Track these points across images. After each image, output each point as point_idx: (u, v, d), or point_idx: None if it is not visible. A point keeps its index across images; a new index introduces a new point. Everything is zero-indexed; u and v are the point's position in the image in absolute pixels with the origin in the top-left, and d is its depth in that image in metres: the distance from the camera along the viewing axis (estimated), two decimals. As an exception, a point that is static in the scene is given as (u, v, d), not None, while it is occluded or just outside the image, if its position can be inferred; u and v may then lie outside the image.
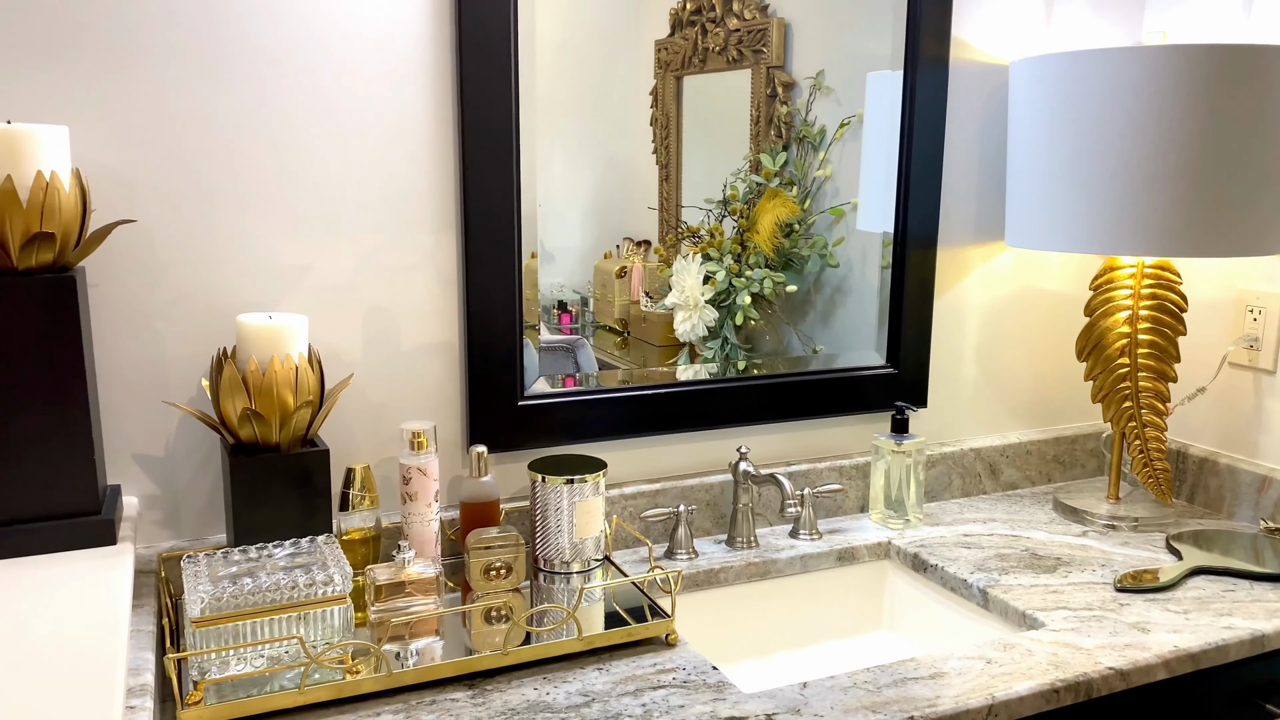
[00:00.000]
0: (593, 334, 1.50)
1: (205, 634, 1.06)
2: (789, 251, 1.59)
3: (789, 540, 1.55)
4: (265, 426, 1.17)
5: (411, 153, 1.33)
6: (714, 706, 1.09)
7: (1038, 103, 1.52)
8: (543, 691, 1.12)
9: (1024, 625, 1.33)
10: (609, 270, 1.50)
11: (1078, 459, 1.85)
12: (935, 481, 1.72)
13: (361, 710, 1.07)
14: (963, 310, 1.74)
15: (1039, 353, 1.82)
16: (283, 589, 1.08)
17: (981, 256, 1.74)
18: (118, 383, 1.24)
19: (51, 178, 1.04)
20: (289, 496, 1.19)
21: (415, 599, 1.19)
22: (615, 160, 1.46)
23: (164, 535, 1.29)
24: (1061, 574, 1.44)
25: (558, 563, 1.34)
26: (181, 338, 1.25)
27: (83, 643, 0.88)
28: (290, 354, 1.19)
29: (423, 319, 1.38)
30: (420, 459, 1.30)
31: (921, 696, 1.11)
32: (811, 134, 1.58)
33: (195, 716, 1.02)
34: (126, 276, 1.22)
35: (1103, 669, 1.18)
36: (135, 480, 1.26)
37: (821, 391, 1.62)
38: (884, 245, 1.65)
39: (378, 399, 1.37)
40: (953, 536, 1.58)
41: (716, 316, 1.56)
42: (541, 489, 1.34)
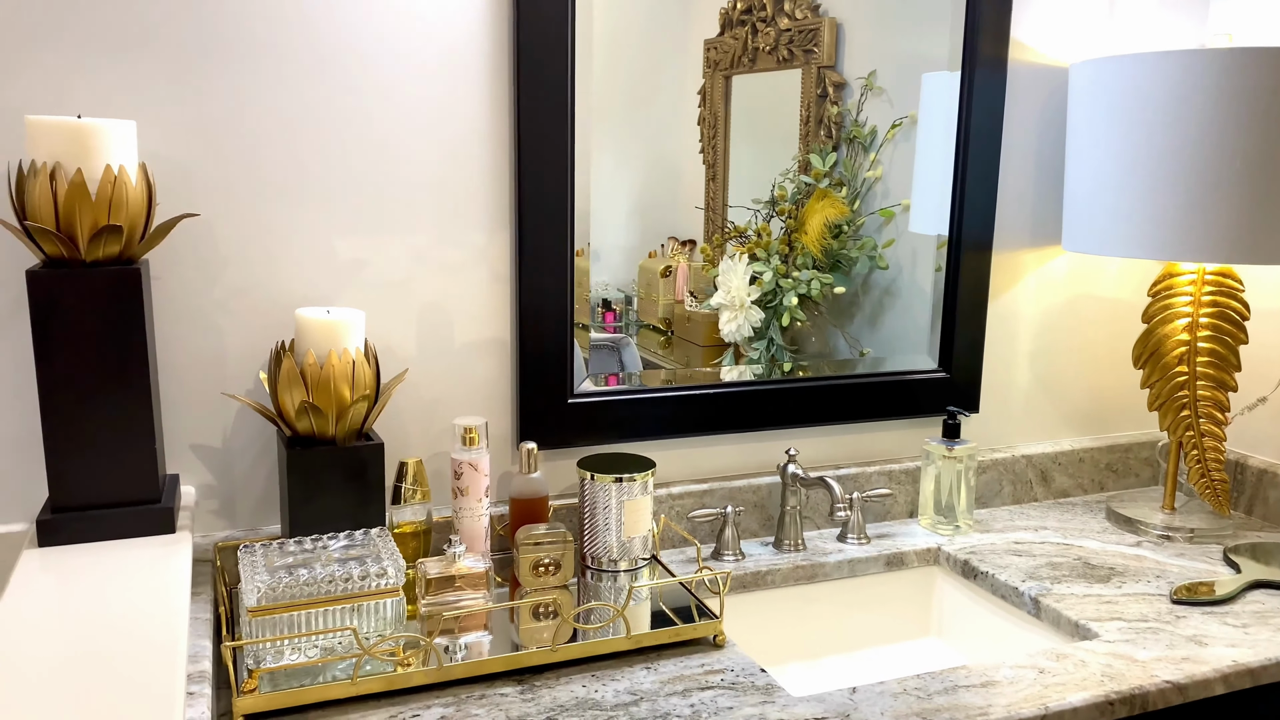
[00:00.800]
0: (636, 333, 1.51)
1: (260, 623, 1.08)
2: (837, 253, 1.58)
3: (837, 544, 1.54)
4: (322, 419, 1.18)
5: (467, 150, 1.34)
6: (763, 709, 1.08)
7: (1098, 105, 1.50)
8: (591, 689, 1.12)
9: (1076, 635, 1.31)
10: (654, 269, 1.50)
11: (1132, 468, 1.82)
12: (986, 488, 1.71)
13: (412, 702, 1.08)
14: (1016, 315, 1.72)
15: (1094, 359, 1.80)
16: (337, 580, 1.09)
17: (1036, 261, 1.71)
18: (178, 374, 1.26)
19: (119, 171, 1.06)
20: (344, 489, 1.21)
21: (465, 593, 1.20)
22: (662, 159, 1.46)
23: (220, 525, 1.31)
24: (1115, 584, 1.42)
25: (605, 561, 1.34)
26: (240, 331, 1.27)
27: (145, 628, 0.90)
28: (347, 348, 1.20)
29: (475, 315, 1.39)
30: (472, 454, 1.31)
31: (972, 704, 1.10)
32: (862, 135, 1.56)
33: (250, 704, 1.04)
34: (188, 270, 1.24)
35: (1159, 682, 1.16)
36: (193, 470, 1.29)
37: (872, 394, 1.61)
38: (938, 247, 1.63)
39: (430, 394, 1.38)
40: (1003, 544, 1.56)
41: (762, 317, 1.55)
42: (590, 486, 1.34)
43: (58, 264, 1.07)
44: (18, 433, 1.20)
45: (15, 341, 1.18)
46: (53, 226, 1.04)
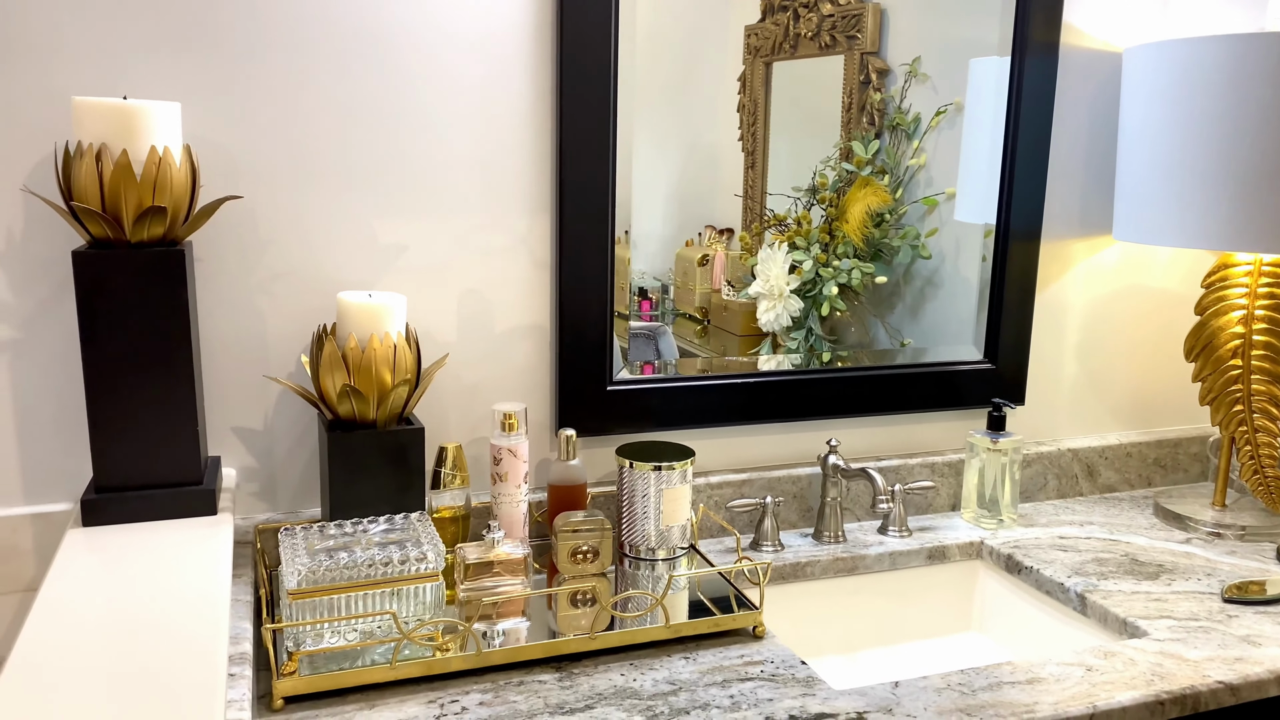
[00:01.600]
0: (672, 322, 1.49)
1: (300, 606, 1.08)
2: (879, 242, 1.56)
3: (877, 536, 1.52)
4: (363, 403, 1.18)
5: (509, 135, 1.33)
6: (803, 702, 1.07)
7: (1153, 91, 1.46)
8: (629, 678, 1.11)
9: (1124, 633, 1.28)
10: (691, 258, 1.48)
11: (1180, 463, 1.78)
12: (1030, 482, 1.68)
13: (451, 688, 1.08)
14: (1065, 306, 1.69)
15: (1143, 352, 1.76)
16: (377, 564, 1.09)
17: (1086, 251, 1.68)
18: (220, 357, 1.26)
19: (164, 153, 1.06)
20: (384, 473, 1.20)
21: (503, 579, 1.20)
22: (700, 147, 1.44)
23: (260, 507, 1.32)
24: (1164, 581, 1.39)
25: (643, 549, 1.33)
26: (282, 313, 1.27)
27: (186, 609, 0.90)
28: (389, 332, 1.20)
29: (515, 301, 1.38)
30: (511, 440, 1.30)
31: (1018, 701, 1.08)
32: (905, 122, 1.54)
33: (290, 687, 1.04)
34: (231, 252, 1.24)
35: (1211, 682, 1.13)
36: (234, 452, 1.29)
37: (915, 385, 1.59)
38: (985, 236, 1.60)
39: (470, 380, 1.38)
40: (1048, 538, 1.53)
41: (801, 307, 1.53)
42: (629, 474, 1.33)
43: (103, 245, 1.08)
44: (63, 414, 1.21)
45: (62, 323, 1.19)
46: (98, 207, 1.04)
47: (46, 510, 1.21)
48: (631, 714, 1.04)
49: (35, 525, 1.20)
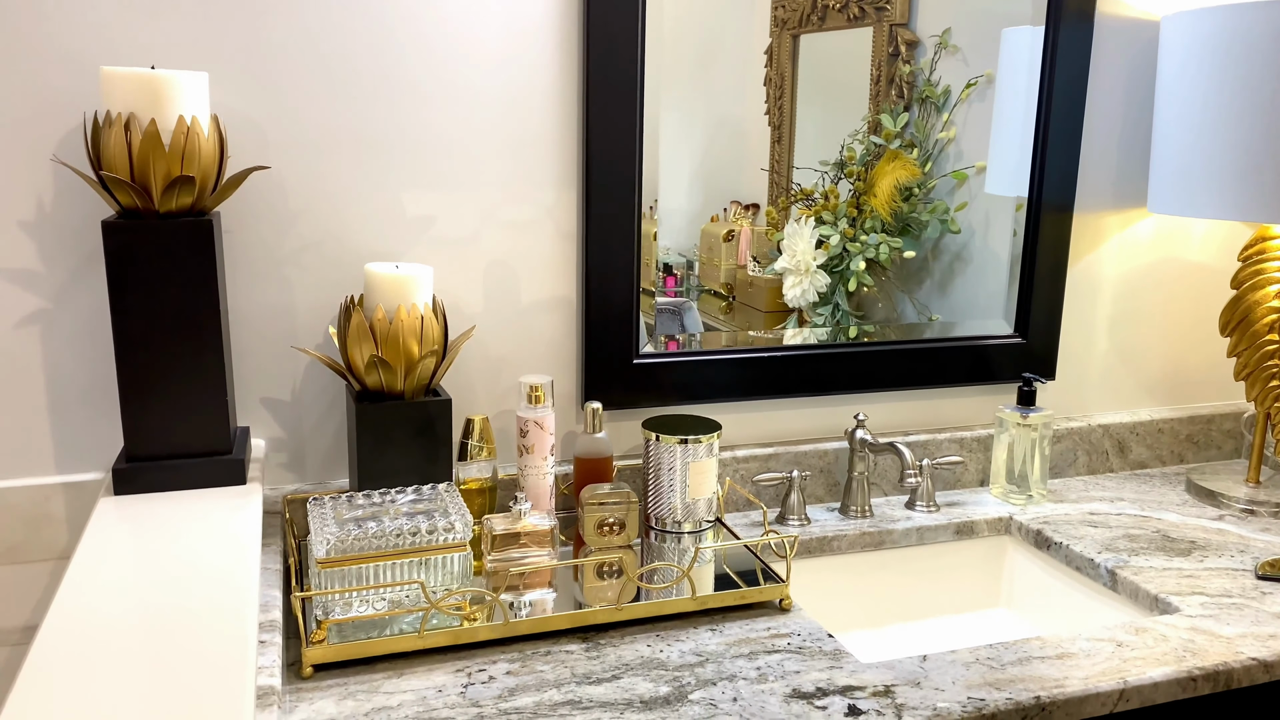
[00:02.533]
0: (697, 298, 1.48)
1: (329, 575, 1.09)
2: (907, 216, 1.54)
3: (905, 511, 1.51)
4: (391, 374, 1.18)
5: (536, 108, 1.32)
6: (830, 674, 1.07)
7: (1191, 59, 1.43)
8: (656, 649, 1.11)
9: (1155, 609, 1.27)
10: (716, 233, 1.47)
11: (1213, 440, 1.76)
12: (1060, 458, 1.66)
13: (478, 657, 1.08)
14: (1097, 279, 1.66)
15: (1177, 326, 1.73)
16: (405, 534, 1.10)
17: (1120, 223, 1.65)
18: (248, 327, 1.26)
19: (192, 122, 1.06)
20: (412, 444, 1.21)
21: (530, 550, 1.20)
22: (726, 121, 1.43)
23: (289, 478, 1.32)
24: (1196, 558, 1.37)
25: (669, 522, 1.33)
26: (310, 285, 1.28)
27: (216, 576, 0.91)
28: (416, 303, 1.19)
29: (542, 274, 1.37)
30: (537, 412, 1.30)
31: (1048, 676, 1.07)
32: (935, 94, 1.52)
33: (319, 655, 1.04)
34: (259, 224, 1.24)
35: (1244, 659, 1.12)
36: (263, 423, 1.30)
37: (944, 359, 1.57)
38: (1016, 209, 1.58)
39: (497, 352, 1.38)
40: (1078, 514, 1.51)
41: (828, 282, 1.52)
42: (655, 447, 1.33)
43: (132, 215, 1.08)
44: (94, 384, 1.22)
45: (92, 293, 1.20)
46: (127, 177, 1.05)
47: (78, 479, 1.22)
48: (658, 684, 1.04)
49: (67, 494, 1.21)
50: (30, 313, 1.18)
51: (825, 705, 1.01)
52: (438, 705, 0.99)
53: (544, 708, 0.99)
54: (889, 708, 1.00)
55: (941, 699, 1.02)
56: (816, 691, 1.03)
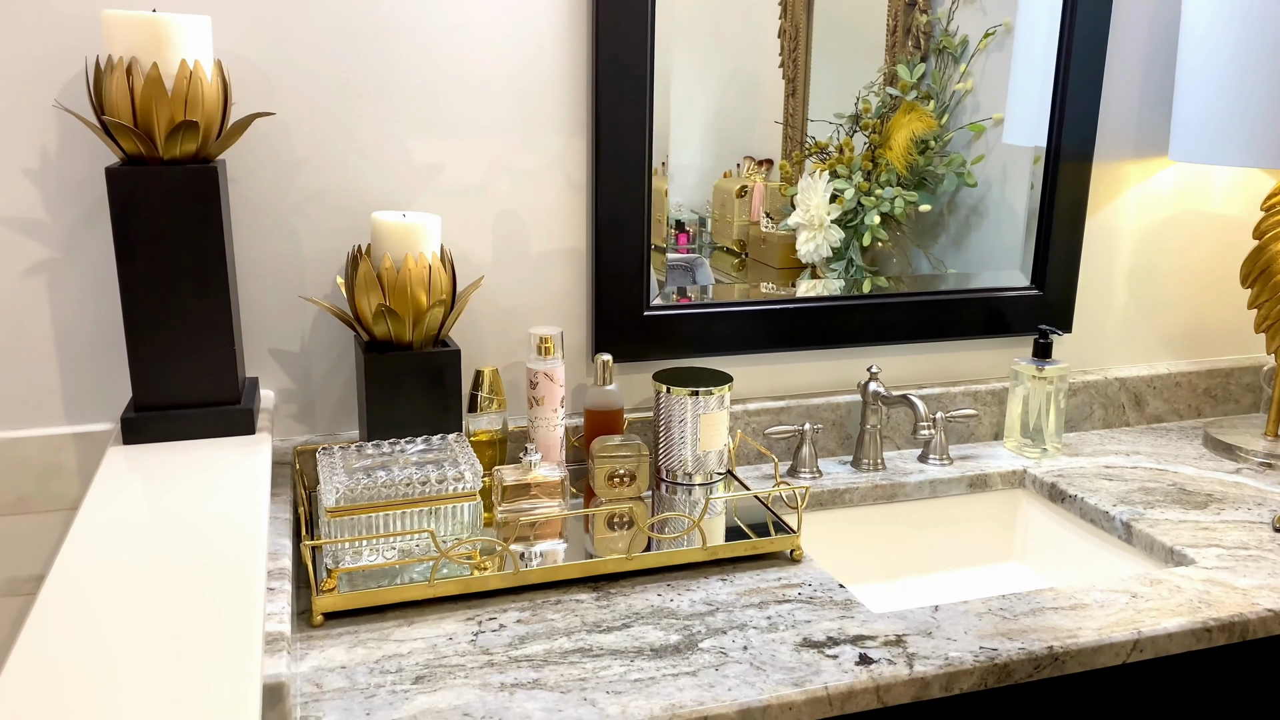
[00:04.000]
0: (709, 255, 1.46)
1: (339, 524, 1.08)
2: (923, 169, 1.51)
3: (918, 464, 1.50)
4: (399, 324, 1.17)
5: (544, 54, 1.30)
6: (842, 624, 1.06)
7: (1217, 1, 1.39)
8: (666, 598, 1.11)
9: (1170, 561, 1.26)
10: (729, 189, 1.45)
11: (1232, 393, 1.74)
12: (1075, 411, 1.64)
13: (489, 606, 1.08)
14: (1116, 230, 1.63)
15: (1197, 278, 1.70)
16: (415, 483, 1.09)
17: (1140, 173, 1.62)
18: (255, 278, 1.25)
19: (195, 67, 1.05)
20: (421, 395, 1.20)
21: (540, 501, 1.19)
22: (739, 75, 1.40)
23: (299, 429, 1.32)
24: (1213, 511, 1.36)
25: (680, 474, 1.33)
26: (317, 234, 1.26)
27: (226, 525, 0.91)
28: (424, 253, 1.18)
29: (551, 224, 1.36)
30: (547, 364, 1.29)
31: (1061, 627, 1.06)
32: (952, 45, 1.48)
33: (329, 603, 1.04)
34: (264, 172, 1.23)
35: (1260, 610, 1.11)
36: (272, 374, 1.29)
37: (959, 311, 1.55)
38: (1034, 162, 1.55)
39: (506, 303, 1.36)
40: (1093, 468, 1.50)
41: (842, 237, 1.49)
42: (666, 400, 1.32)
43: (136, 162, 1.06)
44: (102, 333, 1.21)
45: (98, 242, 1.19)
46: (130, 122, 1.03)
47: (88, 430, 1.22)
48: (668, 633, 1.04)
49: (78, 444, 1.21)
50: (37, 262, 1.18)
51: (836, 654, 1.00)
52: (448, 653, 0.99)
53: (554, 655, 0.99)
54: (900, 657, 1.00)
55: (953, 649, 1.02)
56: (827, 641, 1.03)
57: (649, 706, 0.91)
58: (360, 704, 0.91)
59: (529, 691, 0.93)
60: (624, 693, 0.93)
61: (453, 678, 0.95)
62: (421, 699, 0.92)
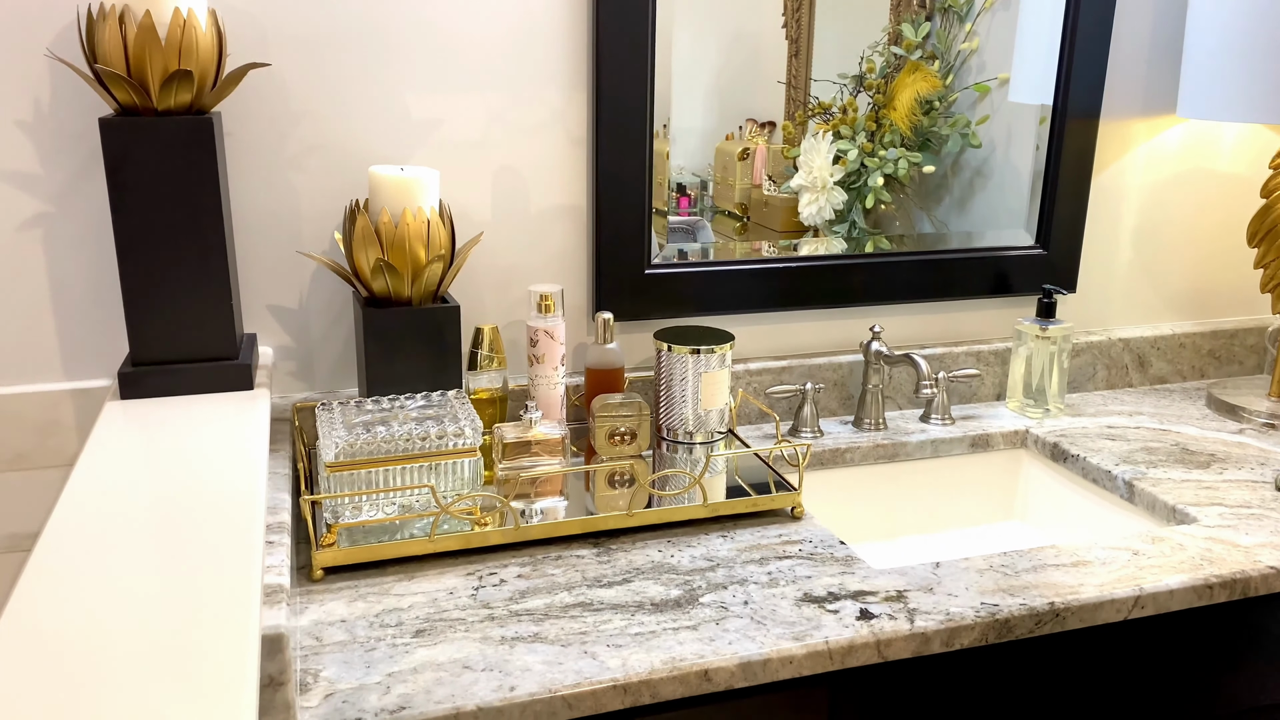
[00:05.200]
0: (711, 219, 1.45)
1: (338, 479, 1.08)
2: (927, 130, 1.49)
3: (919, 424, 1.50)
4: (398, 279, 1.16)
5: (543, 5, 1.27)
6: (842, 580, 1.06)
7: (1229, -45, 1.37)
8: (667, 554, 1.11)
9: (1173, 520, 1.25)
10: (731, 152, 1.43)
11: (1236, 355, 1.73)
12: (1078, 372, 1.63)
13: (489, 561, 1.08)
14: (1122, 189, 1.62)
15: (1203, 238, 1.69)
16: (414, 439, 1.09)
17: (1148, 131, 1.60)
18: (253, 233, 1.24)
19: (189, 15, 1.03)
20: (420, 351, 1.19)
21: (541, 459, 1.19)
22: (742, 36, 1.38)
23: (298, 387, 1.31)
24: (1216, 470, 1.35)
25: (681, 433, 1.32)
26: (314, 189, 1.25)
27: (224, 478, 0.90)
28: (422, 207, 1.17)
29: (552, 180, 1.34)
30: (548, 321, 1.28)
31: (1063, 583, 1.06)
32: (958, 3, 1.46)
33: (329, 558, 1.04)
34: (260, 125, 1.21)
35: (1263, 567, 1.10)
36: (270, 331, 1.28)
37: (963, 271, 1.54)
38: (1039, 123, 1.53)
39: (506, 261, 1.35)
40: (1095, 428, 1.50)
41: (845, 199, 1.48)
42: (667, 358, 1.31)
43: (130, 113, 1.05)
44: (100, 289, 1.20)
45: (93, 196, 1.18)
46: (123, 71, 1.01)
47: (86, 386, 1.21)
48: (669, 588, 1.03)
49: (75, 401, 1.21)
50: (31, 216, 1.16)
51: (837, 609, 1.00)
52: (449, 606, 0.99)
53: (555, 609, 0.99)
54: (901, 612, 1.00)
55: (954, 604, 1.02)
56: (828, 596, 1.03)
57: (650, 659, 0.91)
58: (360, 657, 0.91)
59: (529, 645, 0.93)
60: (624, 646, 0.93)
61: (453, 631, 0.95)
62: (422, 652, 0.92)
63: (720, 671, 0.91)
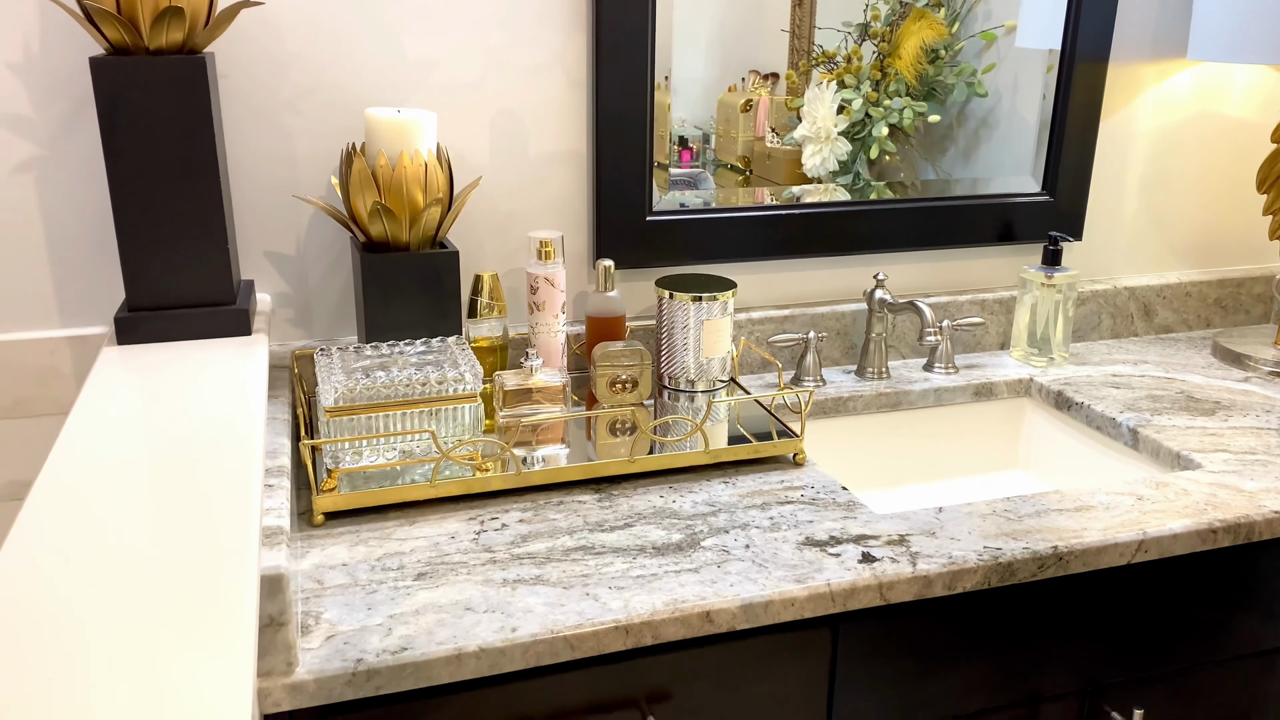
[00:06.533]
0: (713, 172, 1.43)
1: (338, 424, 1.07)
2: (933, 79, 1.47)
3: (922, 373, 1.49)
4: (395, 224, 1.15)
5: (543, -59, 1.25)
6: (844, 524, 1.06)
7: (1244, -109, 1.34)
8: (668, 499, 1.10)
9: (1177, 466, 1.25)
10: (734, 104, 1.41)
11: (1242, 304, 1.71)
12: (1083, 321, 1.62)
13: (491, 506, 1.08)
14: (1130, 135, 1.59)
15: (1211, 185, 1.67)
16: (414, 384, 1.08)
17: (1158, 75, 1.57)
18: (249, 179, 1.23)
19: (179, -49, 1.01)
20: (419, 297, 1.18)
21: (542, 407, 1.18)
22: (745, -16, 1.35)
23: (297, 334, 1.30)
24: (1221, 417, 1.34)
25: (683, 381, 1.31)
26: (310, 133, 1.23)
27: (222, 421, 0.89)
28: (419, 150, 1.15)
29: (551, 124, 1.32)
30: (548, 268, 1.27)
31: (1065, 527, 1.06)
32: (965, -52, 1.43)
33: (330, 503, 1.04)
34: (255, 68, 1.19)
35: (1267, 512, 1.10)
36: (268, 278, 1.27)
37: (968, 218, 1.52)
38: (1046, 71, 1.50)
39: (505, 207, 1.33)
40: (1100, 376, 1.49)
41: (849, 150, 1.46)
42: (668, 305, 1.29)
43: (122, 53, 1.03)
44: (95, 234, 1.19)
45: (87, 139, 1.16)
46: (113, 8, 0.99)
47: (84, 333, 1.20)
48: (670, 532, 1.03)
49: (73, 347, 1.20)
50: (23, 160, 1.15)
51: (839, 553, 1.00)
52: (450, 550, 0.99)
53: (557, 553, 0.99)
54: (903, 555, 1.00)
55: (957, 548, 1.01)
56: (830, 540, 1.02)
57: (651, 601, 0.91)
58: (362, 599, 0.91)
59: (531, 587, 0.93)
60: (626, 588, 0.93)
61: (455, 574, 0.95)
62: (424, 594, 0.92)
63: (722, 613, 0.91)
